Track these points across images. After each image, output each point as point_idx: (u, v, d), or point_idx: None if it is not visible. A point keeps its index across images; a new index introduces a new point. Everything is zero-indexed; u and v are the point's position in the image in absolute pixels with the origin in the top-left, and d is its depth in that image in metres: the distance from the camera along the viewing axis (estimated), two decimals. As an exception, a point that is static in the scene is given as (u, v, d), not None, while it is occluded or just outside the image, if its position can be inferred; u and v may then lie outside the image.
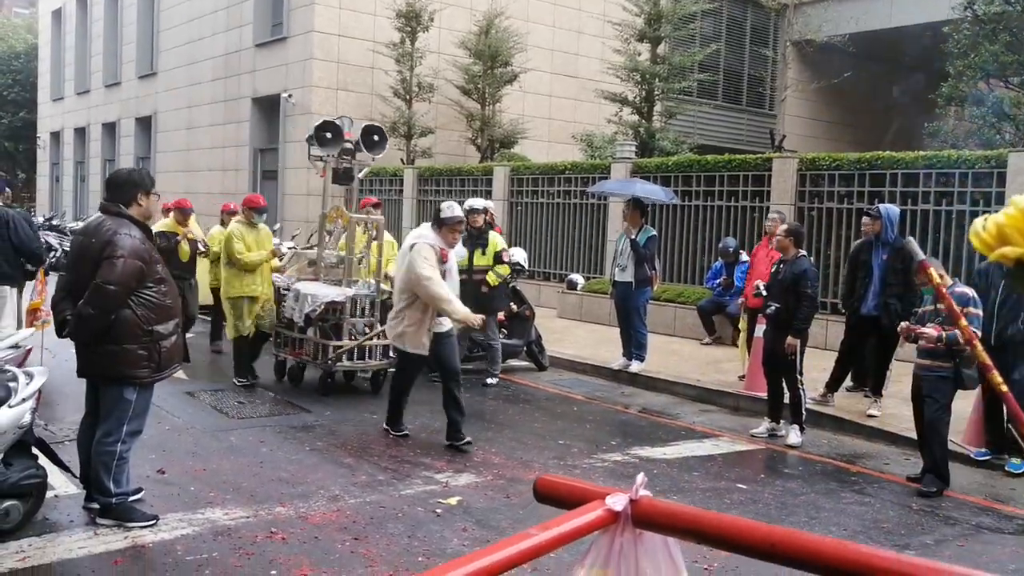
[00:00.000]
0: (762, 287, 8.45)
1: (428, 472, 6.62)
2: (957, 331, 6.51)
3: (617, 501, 1.48)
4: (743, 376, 9.86)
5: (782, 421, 8.10)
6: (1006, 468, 7.26)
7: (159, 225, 10.30)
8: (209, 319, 12.24)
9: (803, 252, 8.02)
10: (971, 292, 6.72)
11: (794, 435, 7.93)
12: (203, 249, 10.96)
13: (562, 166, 17.25)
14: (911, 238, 4.32)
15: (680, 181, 14.54)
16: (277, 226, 19.44)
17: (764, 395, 8.40)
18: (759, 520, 5.04)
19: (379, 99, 21.31)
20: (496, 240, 10.14)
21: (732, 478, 6.87)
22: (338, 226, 10.06)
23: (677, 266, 14.74)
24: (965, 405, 7.59)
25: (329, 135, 9.72)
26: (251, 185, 24.11)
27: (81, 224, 9.58)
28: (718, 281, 12.87)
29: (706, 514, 1.43)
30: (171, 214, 10.97)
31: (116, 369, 5.16)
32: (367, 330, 9.30)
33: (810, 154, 13.63)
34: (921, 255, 2.29)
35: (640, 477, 1.54)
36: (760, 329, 8.78)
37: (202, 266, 11.42)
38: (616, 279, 10.53)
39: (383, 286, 9.43)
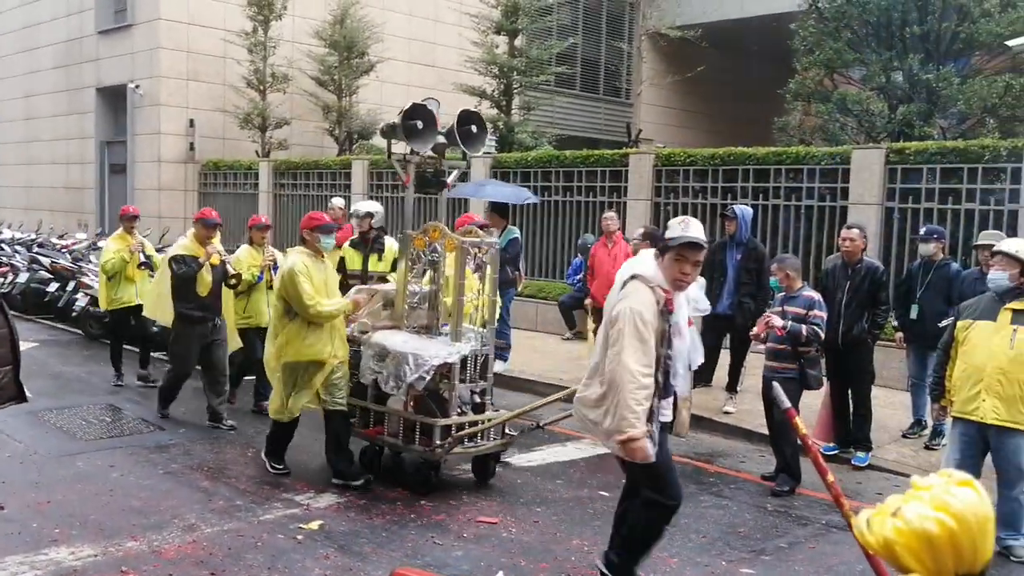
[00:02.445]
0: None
1: (288, 494, 6.45)
2: (801, 328, 6.76)
3: None
4: None
5: None
6: (852, 462, 7.61)
7: (176, 247, 8.41)
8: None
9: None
10: (816, 296, 6.99)
11: None
12: (231, 275, 8.44)
13: (423, 160, 17.07)
14: (776, 384, 4.44)
15: (540, 176, 14.65)
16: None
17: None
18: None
19: (232, 90, 20.63)
20: (393, 247, 9.01)
21: (595, 485, 6.96)
22: (439, 254, 6.91)
23: (538, 262, 14.85)
24: (815, 400, 7.93)
25: (420, 125, 7.09)
26: (98, 179, 23.00)
27: None
28: (578, 276, 13.04)
29: None
30: (191, 231, 8.52)
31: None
32: (477, 400, 6.89)
33: (666, 150, 13.94)
34: (787, 404, 2.25)
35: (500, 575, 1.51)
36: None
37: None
38: None
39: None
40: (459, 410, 6.60)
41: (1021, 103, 14.90)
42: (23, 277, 14.43)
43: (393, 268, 8.80)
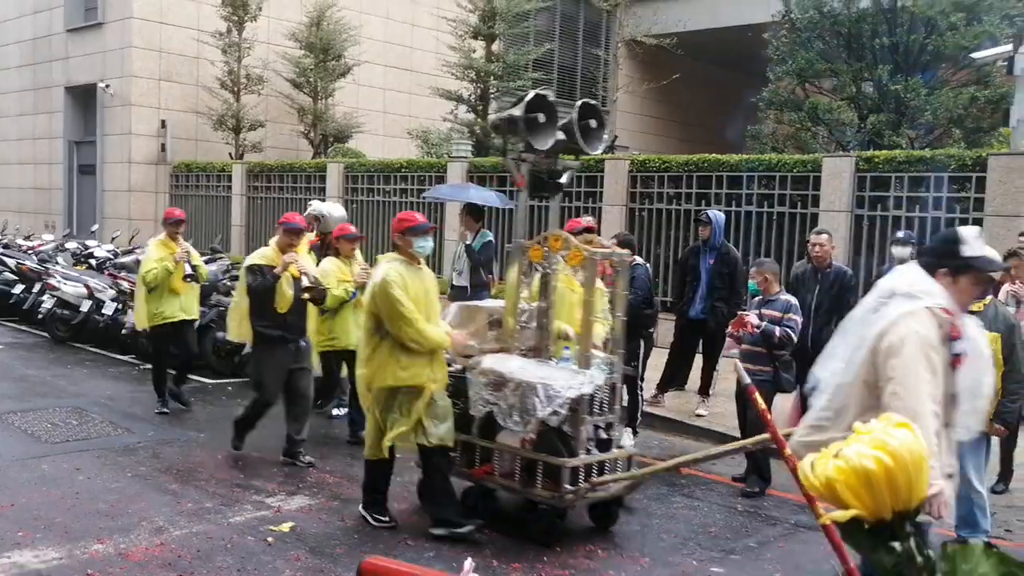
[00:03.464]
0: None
1: (259, 496, 6.36)
2: (775, 328, 6.73)
3: None
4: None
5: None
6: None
7: (255, 256, 7.22)
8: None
9: (637, 259, 8.16)
10: (793, 300, 7.01)
11: (627, 438, 8.07)
12: (311, 288, 7.18)
13: (398, 163, 17.05)
14: (739, 364, 4.37)
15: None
16: (95, 227, 18.47)
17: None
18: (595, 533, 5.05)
19: (205, 91, 20.44)
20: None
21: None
22: (556, 266, 6.12)
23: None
24: (785, 400, 7.94)
25: (543, 118, 6.08)
26: (66, 179, 22.71)
27: None
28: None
29: None
30: (274, 239, 7.31)
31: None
32: (602, 435, 6.07)
33: (640, 156, 14.00)
34: (747, 380, 2.22)
35: (467, 562, 1.47)
36: None
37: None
38: (453, 283, 10.48)
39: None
40: (585, 448, 5.73)
41: (985, 115, 15.18)
42: (-12, 278, 14.19)
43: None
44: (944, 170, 10.46)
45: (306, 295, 7.16)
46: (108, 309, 11.63)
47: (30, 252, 15.13)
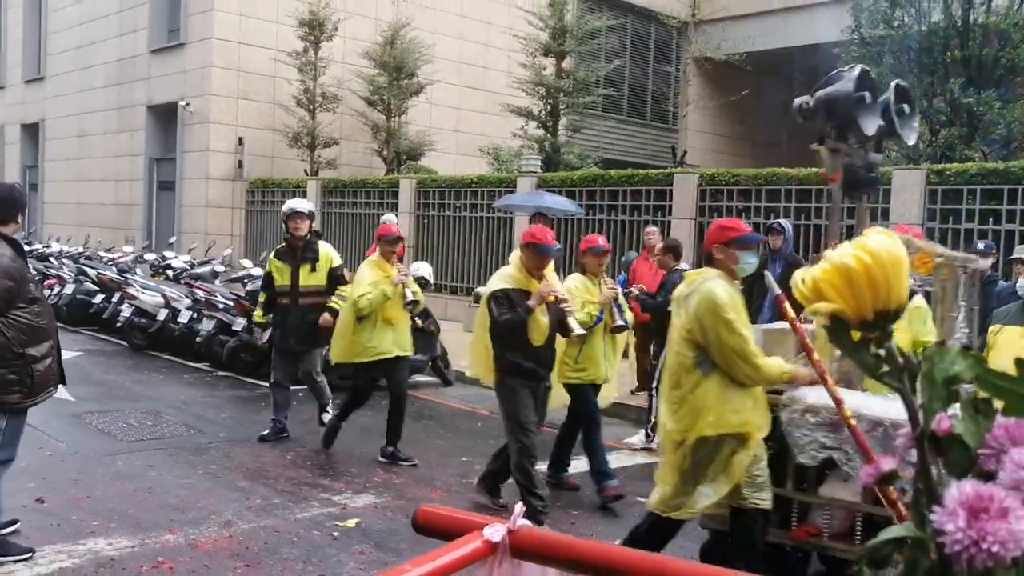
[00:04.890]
0: (636, 290, 8.14)
1: (326, 494, 6.43)
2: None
3: (495, 532, 1.44)
4: (635, 390, 9.91)
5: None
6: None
7: (500, 278, 6.06)
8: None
9: (684, 266, 8.09)
10: None
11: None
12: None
13: (468, 179, 17.20)
14: (768, 273, 4.20)
15: (584, 195, 14.64)
16: (172, 239, 18.95)
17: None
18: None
19: (281, 109, 20.91)
20: (330, 254, 7.96)
21: (633, 491, 6.85)
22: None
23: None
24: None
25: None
26: (146, 195, 23.38)
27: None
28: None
29: (583, 543, 1.42)
30: (515, 254, 6.23)
31: (-16, 394, 4.78)
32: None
33: (710, 170, 13.91)
34: (777, 290, 2.20)
35: (518, 507, 1.49)
36: None
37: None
38: None
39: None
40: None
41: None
42: (69, 288, 14.64)
43: (331, 281, 7.80)
44: (1020, 182, 10.24)
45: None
46: (184, 318, 11.90)
47: (110, 263, 15.60)
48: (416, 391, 10.60)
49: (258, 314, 8.34)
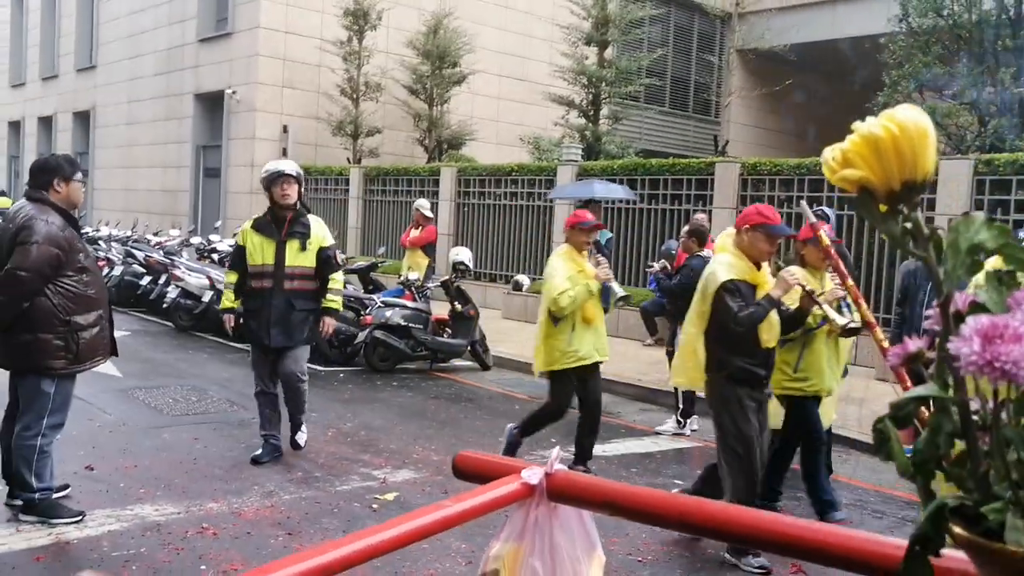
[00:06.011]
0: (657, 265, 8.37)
1: (366, 469, 6.56)
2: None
3: (533, 475, 1.48)
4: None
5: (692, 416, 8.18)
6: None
7: (725, 268, 4.98)
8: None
9: (704, 252, 8.08)
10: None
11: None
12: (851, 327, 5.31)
13: (509, 168, 17.28)
14: (804, 202, 4.28)
15: (625, 184, 14.64)
16: (218, 223, 19.24)
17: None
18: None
19: (325, 97, 21.15)
20: (321, 231, 6.71)
21: (670, 475, 6.91)
22: None
23: (621, 268, 14.82)
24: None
25: None
26: (193, 182, 23.75)
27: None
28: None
29: (619, 486, 1.43)
30: (725, 232, 5.32)
31: (31, 359, 4.99)
32: None
33: (752, 159, 13.84)
34: (813, 218, 2.16)
35: (555, 451, 1.54)
36: None
37: None
38: None
39: None
40: None
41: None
42: (118, 270, 14.95)
43: (320, 264, 6.63)
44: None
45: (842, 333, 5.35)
46: (228, 299, 12.09)
47: (157, 247, 15.90)
48: (455, 374, 10.73)
49: (228, 297, 6.79)
